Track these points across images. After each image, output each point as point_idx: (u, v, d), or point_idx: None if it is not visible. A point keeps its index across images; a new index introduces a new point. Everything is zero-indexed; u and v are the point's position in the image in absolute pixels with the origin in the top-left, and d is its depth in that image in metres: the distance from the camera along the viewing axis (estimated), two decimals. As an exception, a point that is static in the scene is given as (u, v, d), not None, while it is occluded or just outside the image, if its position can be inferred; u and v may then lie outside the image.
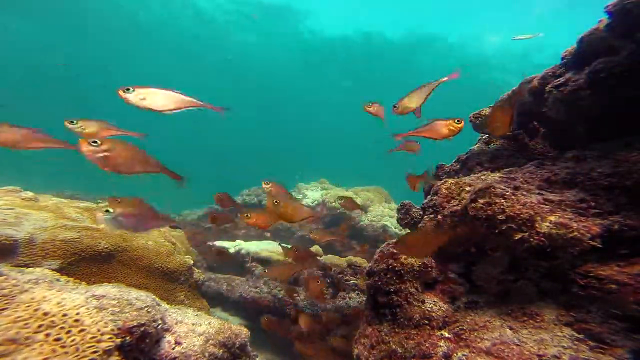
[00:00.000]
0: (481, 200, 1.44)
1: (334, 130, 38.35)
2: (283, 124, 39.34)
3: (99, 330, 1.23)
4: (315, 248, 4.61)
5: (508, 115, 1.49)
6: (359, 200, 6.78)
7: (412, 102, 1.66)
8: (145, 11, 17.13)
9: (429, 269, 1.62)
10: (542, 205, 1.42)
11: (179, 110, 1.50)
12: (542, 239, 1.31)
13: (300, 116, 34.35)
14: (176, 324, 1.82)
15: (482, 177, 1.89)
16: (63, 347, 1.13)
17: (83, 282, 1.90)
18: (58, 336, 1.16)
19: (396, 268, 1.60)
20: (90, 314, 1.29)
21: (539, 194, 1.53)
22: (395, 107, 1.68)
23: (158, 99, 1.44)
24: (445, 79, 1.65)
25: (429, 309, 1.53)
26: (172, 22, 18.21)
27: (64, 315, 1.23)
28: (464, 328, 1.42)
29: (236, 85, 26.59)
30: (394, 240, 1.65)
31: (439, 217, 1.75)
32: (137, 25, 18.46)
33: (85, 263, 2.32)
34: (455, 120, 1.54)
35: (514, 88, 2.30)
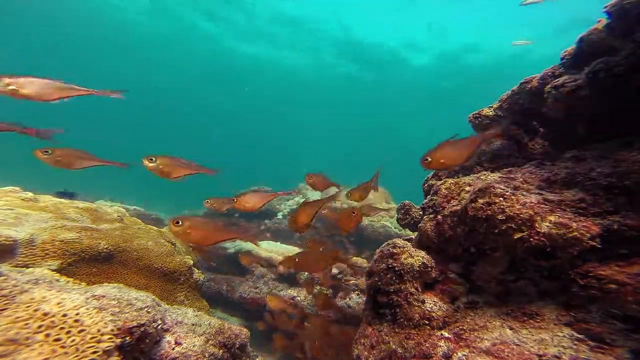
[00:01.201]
0: (481, 200, 1.45)
1: (334, 131, 38.39)
2: (283, 124, 39.38)
3: (99, 331, 1.23)
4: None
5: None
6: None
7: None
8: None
9: (429, 269, 1.62)
10: (541, 205, 1.42)
11: (66, 99, 1.51)
12: (542, 238, 1.31)
13: (300, 116, 34.36)
14: (176, 324, 1.81)
15: (481, 177, 1.90)
16: (63, 347, 1.13)
17: (83, 283, 1.90)
18: (58, 336, 1.16)
19: (396, 268, 1.60)
20: (90, 314, 1.29)
21: (538, 194, 1.53)
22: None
23: (34, 87, 1.44)
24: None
25: (429, 309, 1.53)
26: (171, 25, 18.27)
27: (64, 315, 1.23)
28: (464, 328, 1.42)
29: (236, 85, 26.62)
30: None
31: (439, 217, 1.75)
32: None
33: (85, 263, 2.32)
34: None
35: (514, 88, 2.30)
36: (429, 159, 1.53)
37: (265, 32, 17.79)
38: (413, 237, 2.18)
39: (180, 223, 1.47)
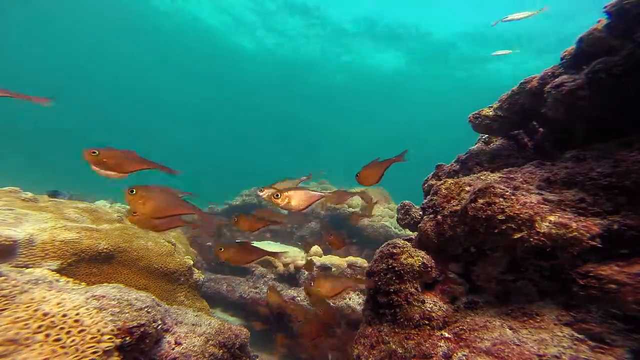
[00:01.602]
0: (481, 200, 1.45)
1: (335, 131, 38.40)
2: (283, 124, 39.38)
3: (98, 331, 1.23)
4: (315, 249, 4.60)
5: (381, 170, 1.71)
6: (359, 200, 6.77)
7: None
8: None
9: (429, 269, 1.62)
10: (541, 205, 1.42)
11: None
12: (542, 238, 1.31)
13: (300, 117, 34.38)
14: (176, 324, 1.81)
15: (481, 177, 1.90)
16: (63, 347, 1.13)
17: (83, 283, 1.90)
18: (58, 337, 1.15)
19: (396, 268, 1.60)
20: (90, 314, 1.28)
21: (538, 194, 1.53)
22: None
23: None
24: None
25: (429, 309, 1.53)
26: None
27: (64, 315, 1.23)
28: (464, 328, 1.42)
29: (235, 85, 26.63)
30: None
31: (439, 217, 1.75)
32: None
33: (85, 264, 2.32)
34: None
35: (514, 88, 2.30)
36: (360, 176, 1.76)
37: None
38: (413, 237, 2.18)
39: (135, 192, 1.36)
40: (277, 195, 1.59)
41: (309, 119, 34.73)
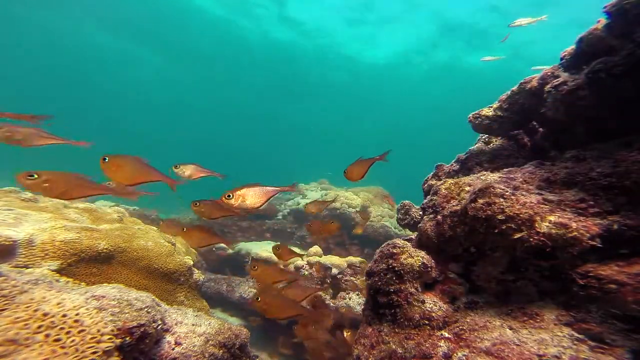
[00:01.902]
0: (481, 200, 1.45)
1: (334, 132, 38.41)
2: (283, 124, 39.39)
3: (98, 331, 1.23)
4: (314, 249, 4.60)
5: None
6: (358, 200, 6.78)
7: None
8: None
9: (429, 269, 1.62)
10: (541, 205, 1.42)
11: None
12: (542, 238, 1.31)
13: (300, 117, 34.39)
14: (176, 324, 1.81)
15: (481, 177, 1.90)
16: (63, 347, 1.13)
17: (83, 283, 1.90)
18: (58, 337, 1.15)
19: (396, 268, 1.60)
20: (90, 314, 1.28)
21: (538, 194, 1.53)
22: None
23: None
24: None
25: (429, 309, 1.53)
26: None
27: (64, 315, 1.23)
28: (464, 328, 1.42)
29: (236, 86, 26.62)
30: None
31: (439, 217, 1.75)
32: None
33: (85, 264, 2.32)
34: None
35: (513, 88, 2.31)
36: (347, 172, 1.87)
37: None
38: (413, 237, 2.18)
39: (36, 176, 1.35)
40: (229, 195, 1.59)
41: (312, 120, 34.82)
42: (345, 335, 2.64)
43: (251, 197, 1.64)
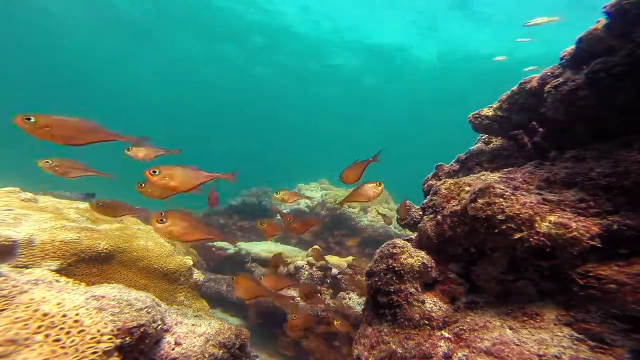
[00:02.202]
0: (481, 200, 1.45)
1: (334, 132, 38.40)
2: (283, 124, 39.38)
3: (98, 331, 1.23)
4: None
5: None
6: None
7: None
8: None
9: (429, 269, 1.62)
10: (541, 205, 1.42)
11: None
12: (542, 238, 1.31)
13: (300, 117, 34.39)
14: (176, 324, 1.81)
15: (481, 177, 1.90)
16: (62, 347, 1.13)
17: (83, 283, 1.89)
18: (57, 337, 1.15)
19: (396, 268, 1.60)
20: (90, 314, 1.28)
21: (538, 194, 1.53)
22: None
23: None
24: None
25: (429, 309, 1.53)
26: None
27: (64, 316, 1.23)
28: (464, 328, 1.42)
29: (236, 85, 26.62)
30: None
31: (439, 217, 1.75)
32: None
33: (84, 264, 2.32)
34: (377, 183, 1.83)
35: (513, 88, 2.31)
36: (343, 175, 1.88)
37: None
38: (413, 237, 2.18)
39: (33, 119, 1.25)
40: (155, 171, 1.46)
41: (314, 121, 34.81)
42: (335, 324, 2.70)
43: (179, 177, 1.51)
